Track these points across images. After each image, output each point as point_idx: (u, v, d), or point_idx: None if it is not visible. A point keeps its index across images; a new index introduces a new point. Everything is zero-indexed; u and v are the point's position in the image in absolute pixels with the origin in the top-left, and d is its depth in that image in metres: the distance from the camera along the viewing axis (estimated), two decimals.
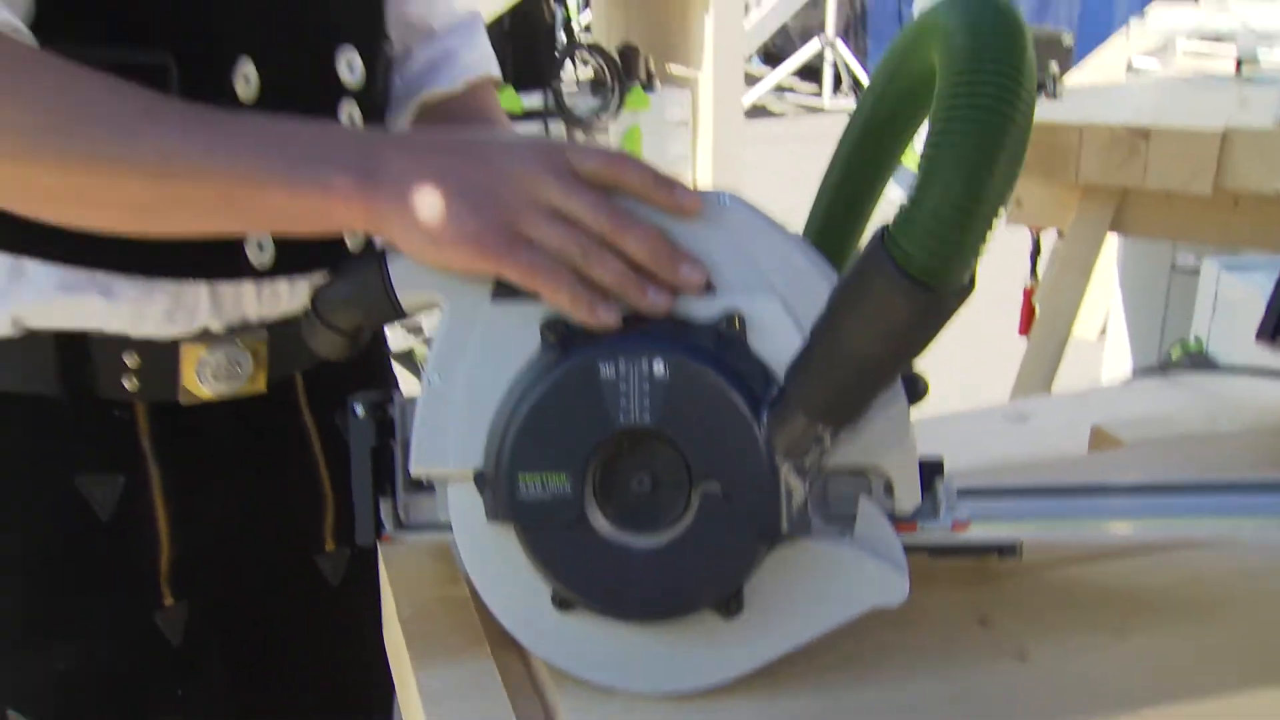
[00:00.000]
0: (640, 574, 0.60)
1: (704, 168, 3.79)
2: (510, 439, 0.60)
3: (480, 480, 0.62)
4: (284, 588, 0.98)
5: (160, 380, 0.86)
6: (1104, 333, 3.49)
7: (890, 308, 0.52)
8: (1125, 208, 2.18)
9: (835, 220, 0.72)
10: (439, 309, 0.64)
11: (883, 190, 0.72)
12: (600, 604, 0.61)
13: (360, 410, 0.68)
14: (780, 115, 7.16)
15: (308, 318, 0.69)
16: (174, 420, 0.88)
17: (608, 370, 0.59)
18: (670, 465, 0.60)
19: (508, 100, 3.35)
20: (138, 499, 0.88)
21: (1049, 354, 2.22)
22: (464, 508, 0.63)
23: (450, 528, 0.64)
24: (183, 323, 0.87)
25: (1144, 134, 2.04)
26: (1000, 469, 0.89)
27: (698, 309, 0.60)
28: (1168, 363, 1.22)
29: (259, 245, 0.87)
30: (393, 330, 2.65)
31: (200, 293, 0.87)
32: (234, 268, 0.87)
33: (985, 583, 0.71)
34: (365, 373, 1.02)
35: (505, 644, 0.65)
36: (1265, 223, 2.01)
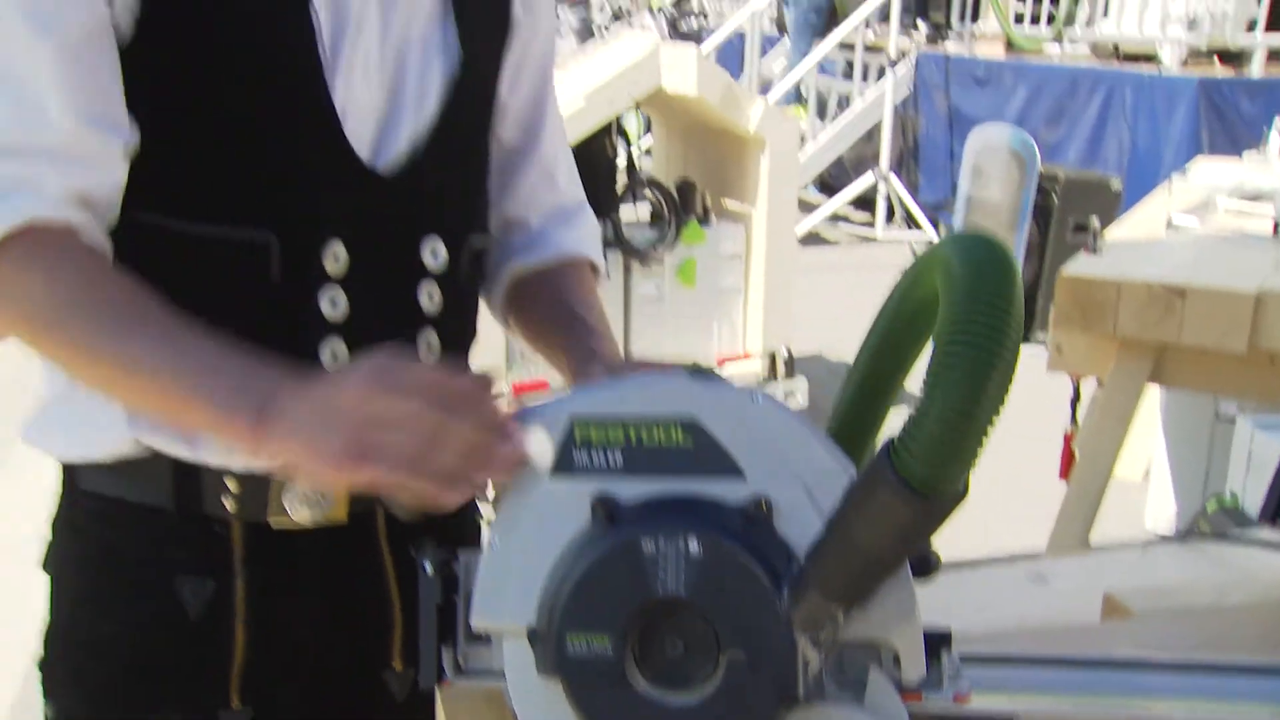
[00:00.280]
0: None
1: (756, 301, 3.90)
2: (561, 601, 0.68)
3: (533, 637, 0.70)
4: (351, 702, 1.06)
5: (254, 504, 0.98)
6: (1148, 475, 3.51)
7: (894, 512, 0.61)
8: (1163, 361, 2.22)
9: (856, 416, 0.81)
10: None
11: (897, 394, 0.81)
12: None
13: (429, 567, 0.77)
14: (834, 243, 7.29)
15: None
16: (264, 539, 0.99)
17: (649, 545, 0.67)
18: (701, 632, 0.68)
19: None
20: (223, 605, 0.99)
21: (1088, 500, 2.25)
22: (518, 661, 0.71)
23: (505, 677, 0.72)
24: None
25: (1180, 292, 2.10)
26: (1014, 633, 0.95)
27: (730, 493, 0.69)
28: (1197, 520, 1.27)
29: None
30: None
31: None
32: None
33: None
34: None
35: None
36: None
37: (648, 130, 5.03)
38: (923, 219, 6.86)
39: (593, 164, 3.67)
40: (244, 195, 0.94)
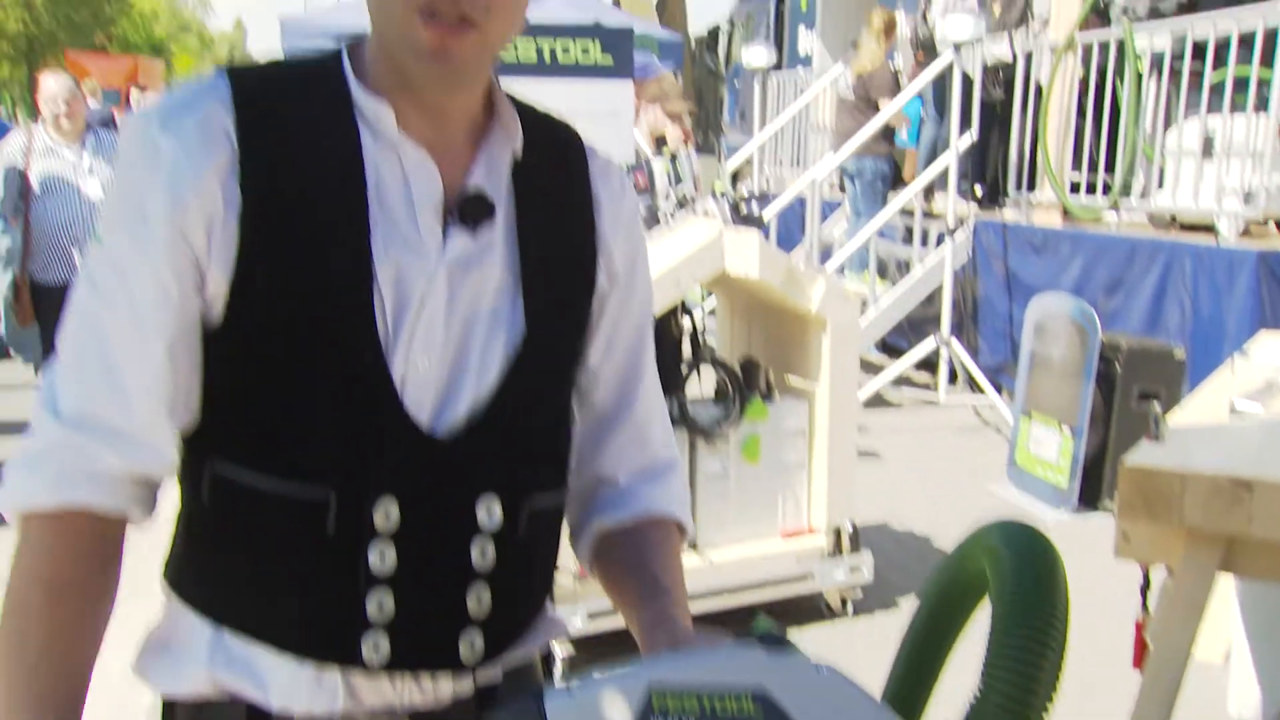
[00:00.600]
0: None
1: (820, 476, 3.92)
2: None
3: None
4: None
5: None
6: (1229, 657, 3.42)
7: None
8: (1234, 551, 2.20)
9: (909, 684, 0.85)
10: None
11: (945, 665, 0.85)
12: None
13: None
14: (897, 405, 7.32)
15: None
16: None
17: None
18: None
19: None
20: None
21: (1164, 691, 2.21)
22: None
23: None
24: (325, 702, 1.04)
25: (1246, 485, 2.10)
26: None
27: None
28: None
29: (375, 645, 1.03)
30: None
31: (335, 678, 1.04)
32: (350, 658, 1.03)
33: None
34: None
35: None
36: None
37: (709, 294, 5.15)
38: (985, 383, 6.87)
39: (659, 345, 3.76)
40: (305, 455, 1.01)
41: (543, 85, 3.58)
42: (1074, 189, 6.85)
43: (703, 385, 3.96)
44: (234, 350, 1.01)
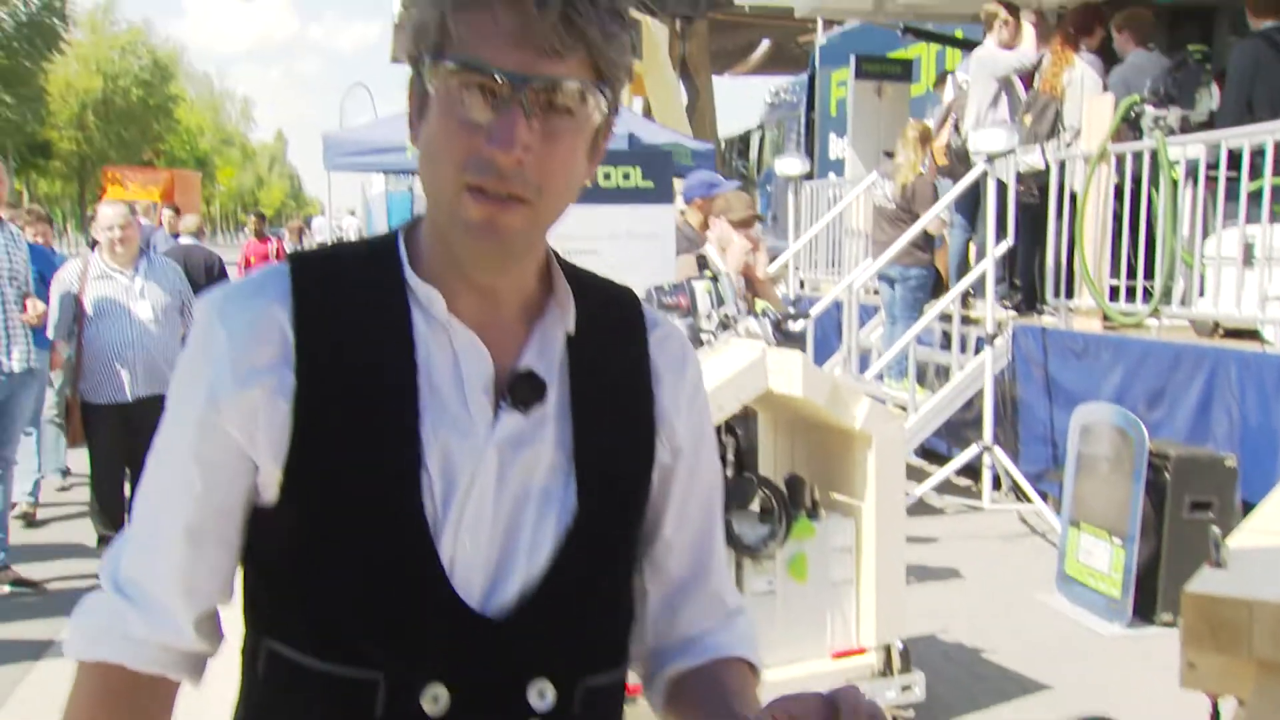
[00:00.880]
0: None
1: (868, 593, 3.86)
2: None
3: None
4: None
5: None
6: None
7: None
8: None
9: None
10: None
11: None
12: None
13: None
14: (939, 511, 7.23)
15: None
16: None
17: None
18: None
19: None
20: None
21: None
22: None
23: None
24: None
25: None
26: None
27: None
28: None
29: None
30: None
31: None
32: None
33: None
34: None
35: None
36: None
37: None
38: (1031, 491, 6.79)
39: None
40: (354, 636, 1.01)
41: (586, 210, 3.64)
42: (1113, 295, 6.83)
43: (748, 505, 3.93)
44: (285, 531, 1.02)
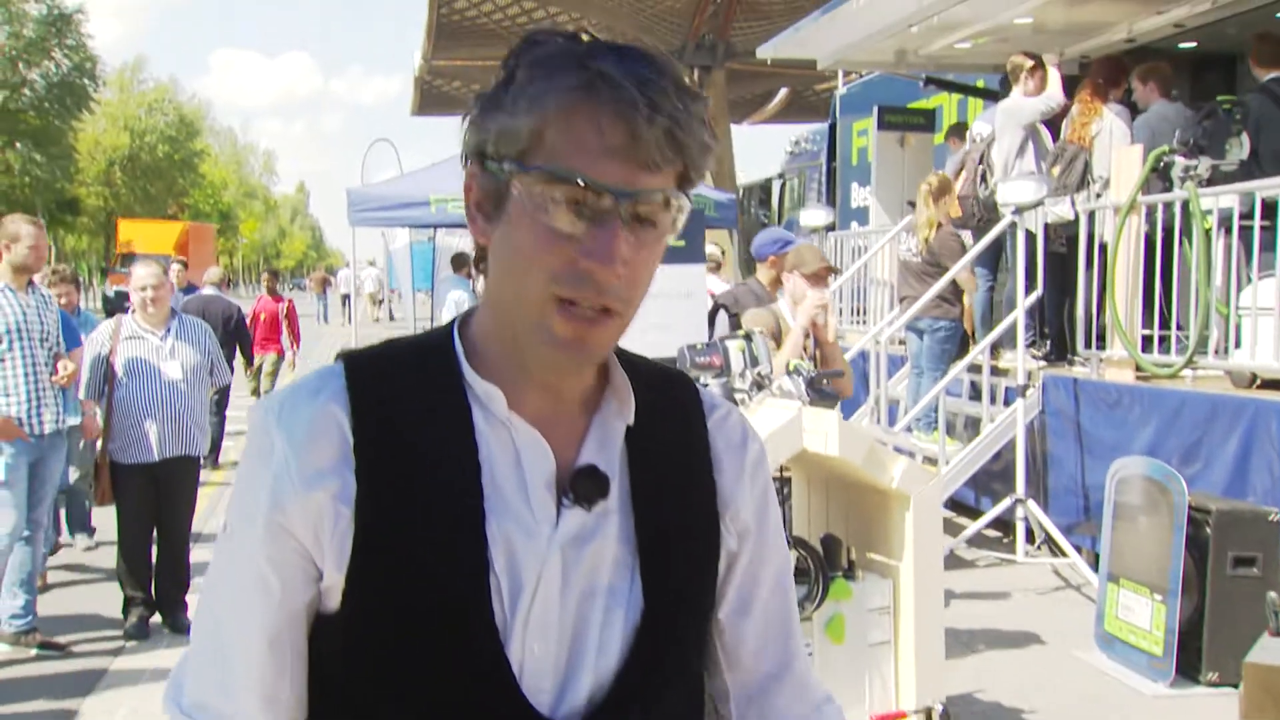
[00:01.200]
0: None
1: (907, 655, 3.80)
2: None
3: None
4: None
5: None
6: None
7: None
8: None
9: None
10: None
11: None
12: None
13: None
14: (972, 564, 7.14)
15: None
16: None
17: None
18: None
19: None
20: None
21: None
22: None
23: None
24: None
25: None
26: None
27: None
28: None
29: None
30: None
31: None
32: None
33: None
34: None
35: None
36: None
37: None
38: (1066, 545, 6.69)
39: None
40: None
41: None
42: (1144, 345, 6.76)
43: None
44: (350, 637, 1.01)
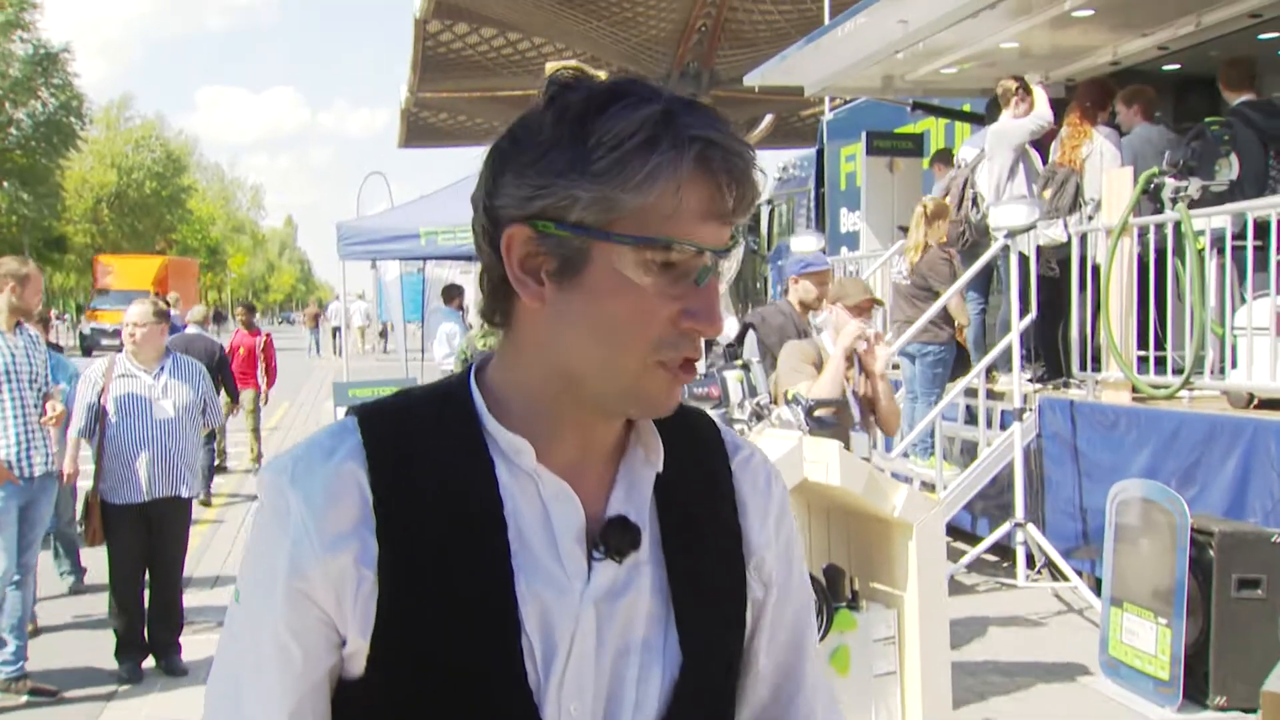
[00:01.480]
0: None
1: (913, 686, 3.75)
2: None
3: None
4: None
5: None
6: None
7: None
8: None
9: None
10: None
11: None
12: None
13: None
14: (971, 589, 7.10)
15: None
16: None
17: None
18: None
19: None
20: None
21: None
22: None
23: None
24: None
25: None
26: None
27: None
28: None
29: None
30: None
31: None
32: None
33: None
34: None
35: None
36: None
37: None
38: (1067, 569, 6.66)
39: None
40: None
41: None
42: (1140, 367, 6.75)
43: None
44: (375, 703, 0.97)
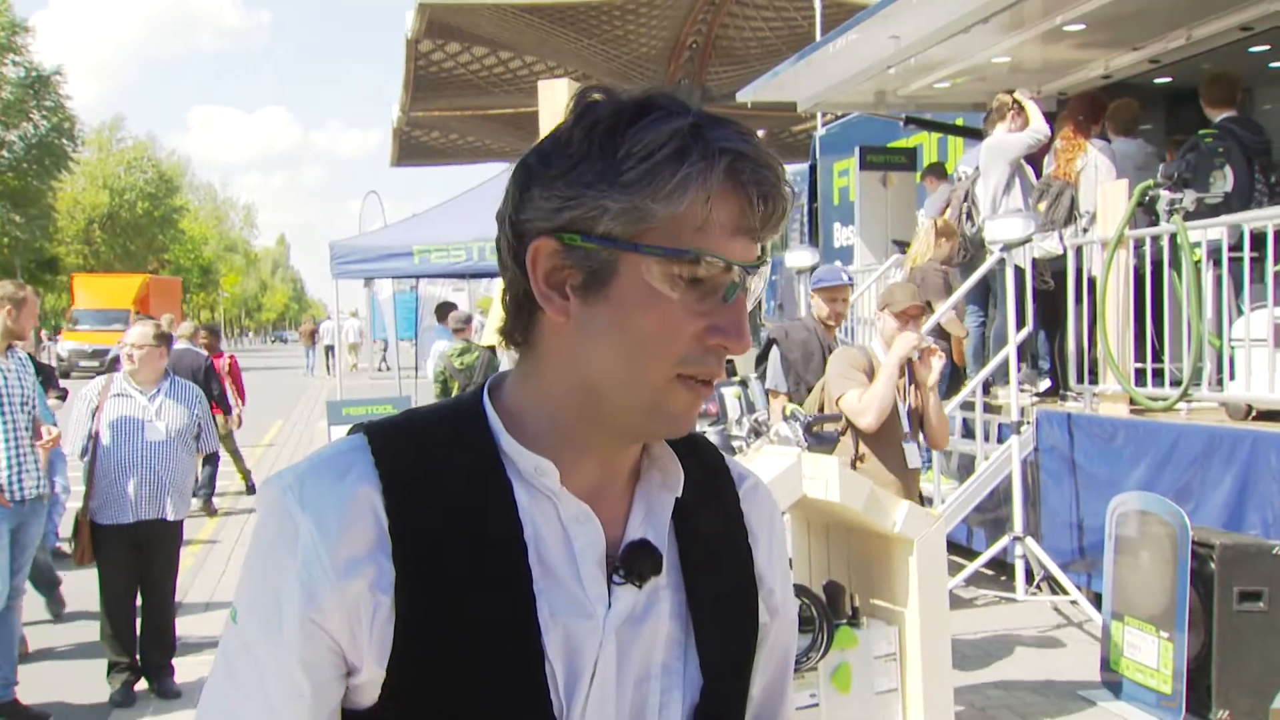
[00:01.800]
0: None
1: (915, 703, 3.72)
2: None
3: None
4: None
5: None
6: None
7: None
8: None
9: None
10: None
11: None
12: None
13: None
14: (971, 603, 7.07)
15: None
16: None
17: None
18: None
19: None
20: None
21: None
22: None
23: None
24: None
25: None
26: None
27: None
28: None
29: None
30: None
31: None
32: None
33: None
34: None
35: None
36: None
37: None
38: (1066, 581, 6.63)
39: None
40: None
41: None
42: (1137, 380, 6.74)
43: None
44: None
